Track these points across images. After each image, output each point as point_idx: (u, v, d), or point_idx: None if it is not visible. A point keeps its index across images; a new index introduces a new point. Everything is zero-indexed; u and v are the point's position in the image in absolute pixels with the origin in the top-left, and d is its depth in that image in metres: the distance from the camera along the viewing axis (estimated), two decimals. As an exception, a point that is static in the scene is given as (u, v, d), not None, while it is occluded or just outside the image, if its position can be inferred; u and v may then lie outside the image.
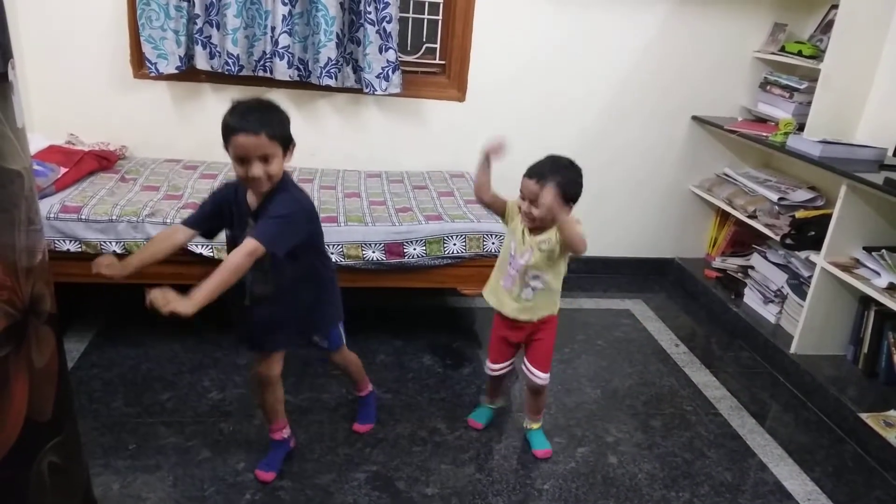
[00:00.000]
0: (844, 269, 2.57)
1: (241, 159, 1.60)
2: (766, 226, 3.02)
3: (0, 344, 1.09)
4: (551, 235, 1.93)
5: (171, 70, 2.89)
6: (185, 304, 1.46)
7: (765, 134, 3.06)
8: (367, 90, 3.00)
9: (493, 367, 2.17)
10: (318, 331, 1.99)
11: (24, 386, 1.16)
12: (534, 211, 1.89)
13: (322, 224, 2.48)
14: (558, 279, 2.03)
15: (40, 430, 1.23)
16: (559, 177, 1.87)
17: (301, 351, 2.61)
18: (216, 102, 3.08)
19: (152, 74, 2.88)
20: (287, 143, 1.68)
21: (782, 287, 2.99)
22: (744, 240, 3.44)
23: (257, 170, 1.60)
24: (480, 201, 2.09)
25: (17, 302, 1.13)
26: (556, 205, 1.83)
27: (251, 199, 1.72)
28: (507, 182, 3.46)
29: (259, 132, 1.58)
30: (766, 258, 3.14)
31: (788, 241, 2.85)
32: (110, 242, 2.36)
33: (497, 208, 2.07)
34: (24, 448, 1.17)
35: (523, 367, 2.12)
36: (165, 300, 1.44)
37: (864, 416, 2.36)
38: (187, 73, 2.96)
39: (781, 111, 3.16)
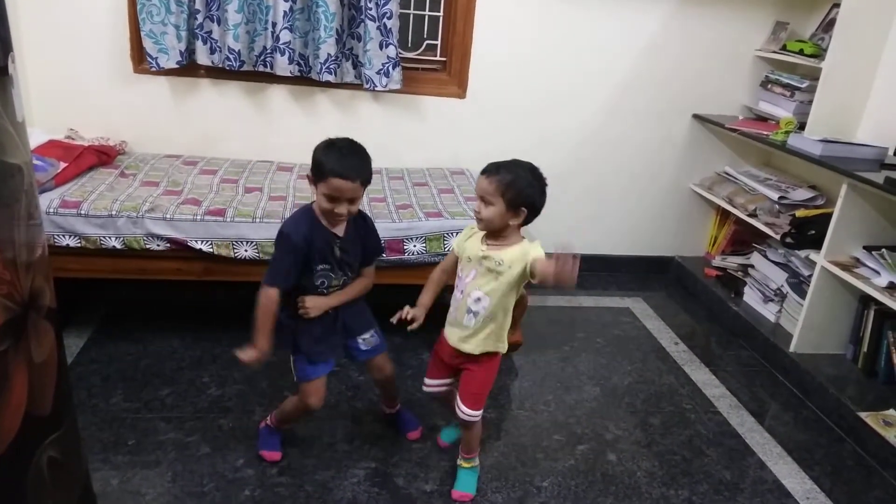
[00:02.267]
0: (844, 268, 2.57)
1: (333, 198, 1.74)
2: (767, 224, 3.02)
3: (-1, 338, 1.09)
4: (504, 257, 1.76)
5: (172, 65, 2.89)
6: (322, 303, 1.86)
7: (765, 132, 3.05)
8: (367, 86, 2.99)
9: (428, 383, 2.00)
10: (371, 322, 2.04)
11: (24, 380, 1.16)
12: (482, 211, 1.74)
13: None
14: (506, 311, 1.83)
15: (40, 425, 1.23)
16: (511, 175, 1.71)
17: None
18: (216, 98, 3.07)
19: (153, 69, 2.88)
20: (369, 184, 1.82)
21: (782, 286, 2.99)
22: (744, 238, 3.44)
23: (344, 209, 1.77)
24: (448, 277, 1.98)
25: (16, 296, 1.13)
26: (570, 268, 1.60)
27: (336, 228, 1.85)
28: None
29: (356, 180, 1.74)
30: (766, 257, 3.14)
31: (788, 239, 2.85)
32: (110, 238, 2.35)
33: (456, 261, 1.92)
34: (23, 443, 1.17)
35: (455, 400, 1.93)
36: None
37: (863, 415, 2.36)
38: (187, 68, 2.96)
39: (782, 110, 3.16)
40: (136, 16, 2.83)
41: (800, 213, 2.91)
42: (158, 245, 2.38)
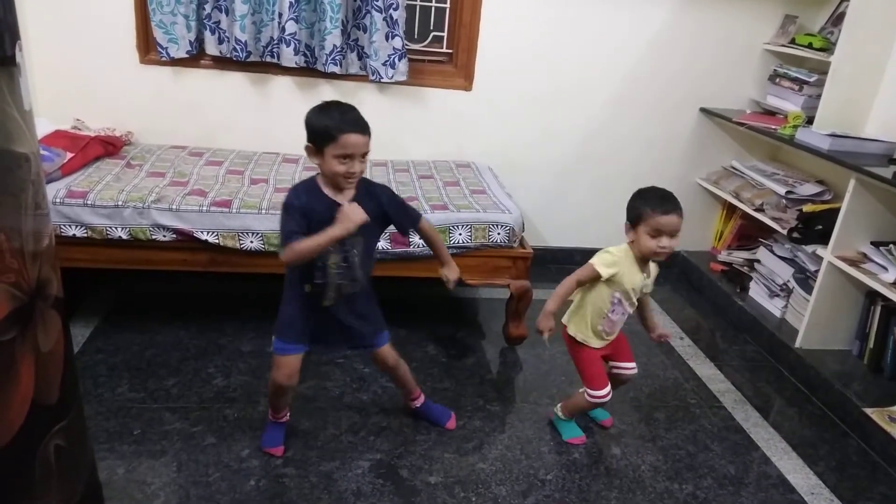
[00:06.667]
0: (851, 263, 2.56)
1: (347, 157, 1.72)
2: (773, 219, 3.01)
3: (7, 327, 1.09)
4: (649, 275, 2.09)
5: (182, 55, 2.89)
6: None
7: (773, 127, 3.03)
8: (373, 77, 2.99)
9: (605, 392, 2.11)
10: (379, 323, 2.04)
11: (31, 369, 1.16)
12: (671, 244, 1.98)
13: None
14: None
15: (46, 414, 1.24)
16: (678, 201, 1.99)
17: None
18: (222, 89, 3.07)
19: (164, 59, 2.89)
20: None
21: (788, 281, 2.98)
22: (750, 233, 3.43)
23: (359, 166, 1.75)
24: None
25: (23, 285, 1.13)
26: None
27: (341, 196, 1.80)
28: (516, 167, 3.42)
29: (366, 133, 1.75)
30: (772, 252, 3.13)
31: (795, 234, 2.83)
32: (116, 228, 2.36)
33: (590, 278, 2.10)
34: (30, 431, 1.17)
35: (615, 369, 2.19)
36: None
37: (868, 410, 2.36)
38: (193, 59, 2.96)
39: (790, 104, 3.14)
40: (143, 6, 2.84)
41: (807, 207, 2.90)
42: (164, 236, 2.39)
